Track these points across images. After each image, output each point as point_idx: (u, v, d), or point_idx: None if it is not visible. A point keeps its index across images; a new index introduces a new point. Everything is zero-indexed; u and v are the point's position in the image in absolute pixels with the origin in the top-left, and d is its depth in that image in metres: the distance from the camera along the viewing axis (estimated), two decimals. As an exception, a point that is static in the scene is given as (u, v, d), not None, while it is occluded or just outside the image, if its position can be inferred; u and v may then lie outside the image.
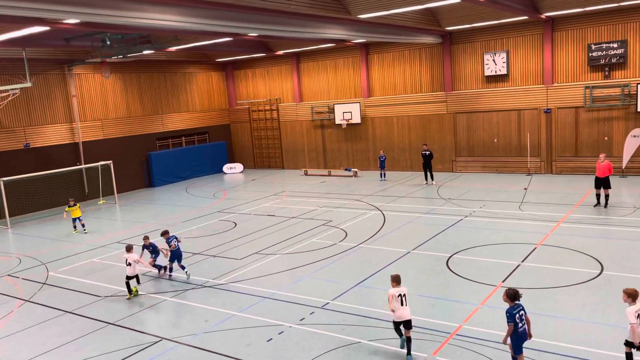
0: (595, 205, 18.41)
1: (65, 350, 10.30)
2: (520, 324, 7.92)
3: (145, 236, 14.47)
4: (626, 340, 8.00)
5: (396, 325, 9.13)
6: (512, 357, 8.12)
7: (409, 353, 8.98)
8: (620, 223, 16.35)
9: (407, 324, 9.01)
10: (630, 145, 22.74)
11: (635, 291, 7.88)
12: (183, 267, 14.04)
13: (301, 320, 10.82)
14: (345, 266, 14.13)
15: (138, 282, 13.19)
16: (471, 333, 9.71)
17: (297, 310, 11.33)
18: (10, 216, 22.74)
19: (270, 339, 10.06)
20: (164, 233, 14.27)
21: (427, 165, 24.95)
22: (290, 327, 10.53)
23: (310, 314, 11.10)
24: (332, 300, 11.72)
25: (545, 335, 9.42)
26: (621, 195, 20.16)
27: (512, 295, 7.95)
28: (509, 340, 8.01)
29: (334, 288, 12.51)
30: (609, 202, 18.30)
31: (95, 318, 11.74)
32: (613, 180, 19.51)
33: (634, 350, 7.90)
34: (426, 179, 25.11)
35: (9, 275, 15.59)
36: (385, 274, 13.23)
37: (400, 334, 9.16)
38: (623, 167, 23.14)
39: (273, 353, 9.53)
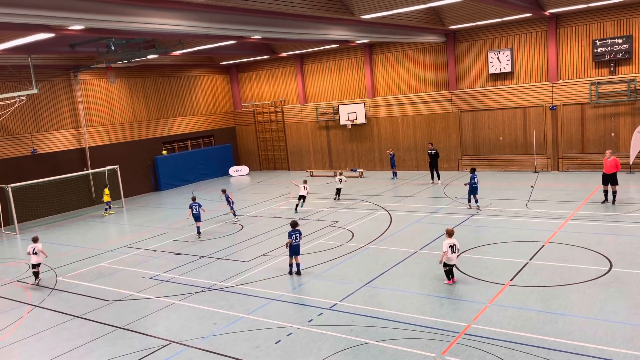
0: (603, 202, 18.33)
1: (75, 355, 10.35)
2: (295, 241, 13.51)
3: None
4: (444, 263, 12.10)
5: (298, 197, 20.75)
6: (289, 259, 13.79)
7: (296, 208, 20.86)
8: (629, 219, 16.26)
9: (303, 197, 21.12)
10: (637, 141, 22.57)
11: (452, 230, 12.20)
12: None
13: (309, 321, 10.83)
14: (353, 267, 14.12)
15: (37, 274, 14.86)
16: (480, 332, 9.68)
17: (304, 312, 11.35)
18: (18, 222, 22.89)
19: (279, 341, 10.07)
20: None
21: (433, 164, 24.91)
22: (298, 328, 10.54)
23: (318, 315, 11.11)
24: (339, 302, 11.72)
25: (554, 334, 9.38)
26: (629, 191, 20.04)
27: (292, 224, 13.83)
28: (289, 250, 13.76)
29: (341, 289, 12.51)
30: (616, 198, 18.21)
31: (104, 322, 11.80)
32: (620, 176, 19.40)
33: (449, 268, 12.10)
34: (432, 178, 25.07)
35: (18, 281, 15.69)
36: (393, 274, 13.25)
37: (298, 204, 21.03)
38: (630, 163, 23.00)
39: (282, 355, 9.54)
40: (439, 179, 25.01)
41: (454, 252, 12.05)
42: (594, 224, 16.15)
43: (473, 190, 19.03)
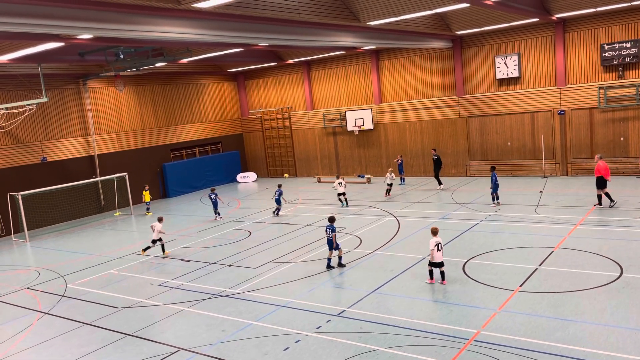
0: (610, 206, 18.43)
1: (85, 362, 10.40)
2: (329, 236, 14.29)
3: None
4: (429, 262, 12.64)
5: None
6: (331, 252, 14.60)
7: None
8: (639, 224, 16.10)
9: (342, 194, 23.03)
10: (647, 145, 22.44)
11: (437, 228, 12.72)
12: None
13: (318, 328, 10.81)
14: (361, 273, 14.09)
15: (162, 247, 17.74)
16: (490, 339, 9.62)
17: (313, 319, 11.33)
18: (28, 229, 23.06)
19: (287, 348, 10.06)
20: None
21: (435, 169, 25.00)
22: (307, 335, 10.52)
23: (327, 322, 11.09)
24: (348, 308, 11.70)
25: (565, 340, 9.31)
26: (639, 196, 19.87)
27: (330, 219, 14.68)
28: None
29: (349, 295, 12.49)
30: (601, 201, 18.59)
31: (113, 329, 11.85)
32: (630, 181, 19.25)
33: (434, 268, 12.69)
34: (440, 183, 25.06)
35: (28, 288, 15.79)
36: (402, 280, 13.20)
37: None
38: (640, 168, 22.86)
39: (290, 362, 9.53)
40: (439, 184, 25.02)
41: (440, 250, 12.52)
42: (604, 229, 16.03)
43: (495, 187, 20.31)
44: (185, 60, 25.89)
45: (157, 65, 24.82)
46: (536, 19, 23.13)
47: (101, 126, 28.47)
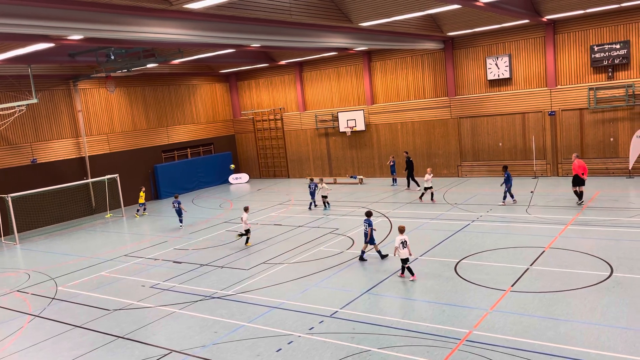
0: (578, 203, 19.25)
1: (76, 365, 10.33)
2: (366, 230, 14.83)
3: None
4: (401, 259, 13.29)
5: None
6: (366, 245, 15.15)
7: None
8: (629, 224, 16.25)
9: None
10: (636, 146, 22.61)
11: (403, 227, 13.43)
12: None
13: (310, 329, 10.80)
14: (353, 274, 14.11)
15: (247, 239, 17.99)
16: (481, 339, 9.66)
17: (306, 320, 11.32)
18: (18, 232, 22.87)
19: (280, 349, 10.04)
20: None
21: (409, 171, 25.66)
22: (299, 336, 10.51)
23: (319, 323, 11.09)
24: (340, 309, 11.70)
25: (556, 339, 9.36)
26: (629, 196, 20.06)
27: (368, 214, 15.22)
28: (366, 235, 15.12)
29: (342, 296, 12.49)
30: (582, 197, 19.15)
31: (104, 332, 11.77)
32: (620, 181, 19.40)
33: (406, 265, 13.31)
34: (418, 184, 25.18)
35: (18, 290, 15.65)
36: (394, 281, 13.22)
37: None
38: (630, 168, 23.02)
39: (283, 363, 9.51)
40: (408, 186, 25.79)
41: (405, 247, 13.14)
42: (594, 229, 16.15)
43: (509, 186, 20.36)
44: (176, 61, 25.81)
45: (149, 66, 24.71)
46: (527, 21, 23.28)
47: (92, 127, 28.30)
